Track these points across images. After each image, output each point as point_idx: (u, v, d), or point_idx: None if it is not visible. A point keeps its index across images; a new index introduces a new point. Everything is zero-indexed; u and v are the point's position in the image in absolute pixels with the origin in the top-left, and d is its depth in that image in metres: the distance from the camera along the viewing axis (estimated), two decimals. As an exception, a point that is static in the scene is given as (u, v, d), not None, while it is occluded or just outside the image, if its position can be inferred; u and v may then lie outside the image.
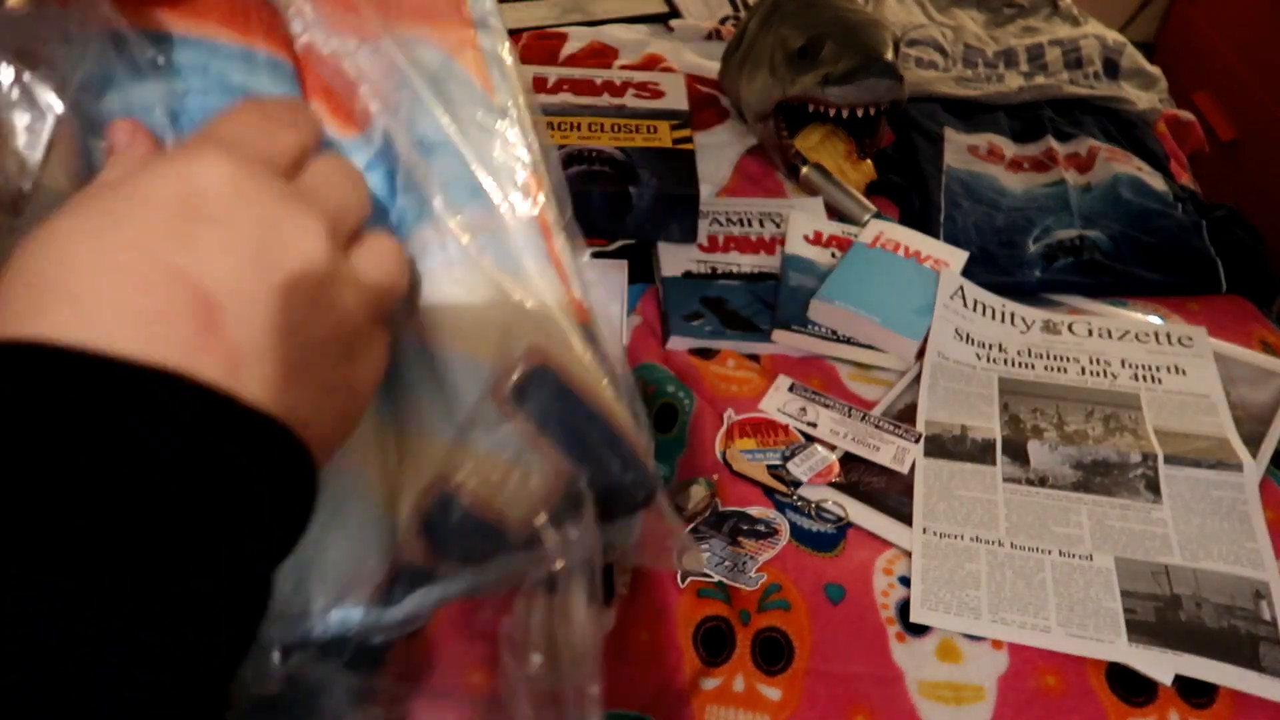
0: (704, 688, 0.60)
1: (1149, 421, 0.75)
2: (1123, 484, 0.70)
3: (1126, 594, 0.64)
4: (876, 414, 0.76)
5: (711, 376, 0.79)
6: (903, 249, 0.89)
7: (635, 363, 0.80)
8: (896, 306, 0.83)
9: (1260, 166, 1.64)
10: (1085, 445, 0.73)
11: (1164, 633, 0.62)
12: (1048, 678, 0.61)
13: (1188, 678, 0.60)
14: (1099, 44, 1.23)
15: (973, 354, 0.82)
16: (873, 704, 0.59)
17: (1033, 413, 0.76)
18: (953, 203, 0.99)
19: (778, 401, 0.77)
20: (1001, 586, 0.64)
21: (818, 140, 1.01)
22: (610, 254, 0.90)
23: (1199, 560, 0.66)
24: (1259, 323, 0.89)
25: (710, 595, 0.64)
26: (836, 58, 0.93)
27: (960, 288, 0.86)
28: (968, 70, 1.21)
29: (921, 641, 0.62)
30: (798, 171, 0.99)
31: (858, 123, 0.96)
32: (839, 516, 0.69)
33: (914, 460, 0.72)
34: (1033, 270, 0.92)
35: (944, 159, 1.05)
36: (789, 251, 0.90)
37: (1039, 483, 0.71)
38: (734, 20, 1.29)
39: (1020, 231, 0.96)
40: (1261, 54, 1.68)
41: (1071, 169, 1.05)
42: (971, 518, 0.68)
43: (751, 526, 0.68)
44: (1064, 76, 1.20)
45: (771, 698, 0.60)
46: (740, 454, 0.73)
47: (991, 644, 0.62)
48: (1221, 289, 0.91)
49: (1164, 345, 0.82)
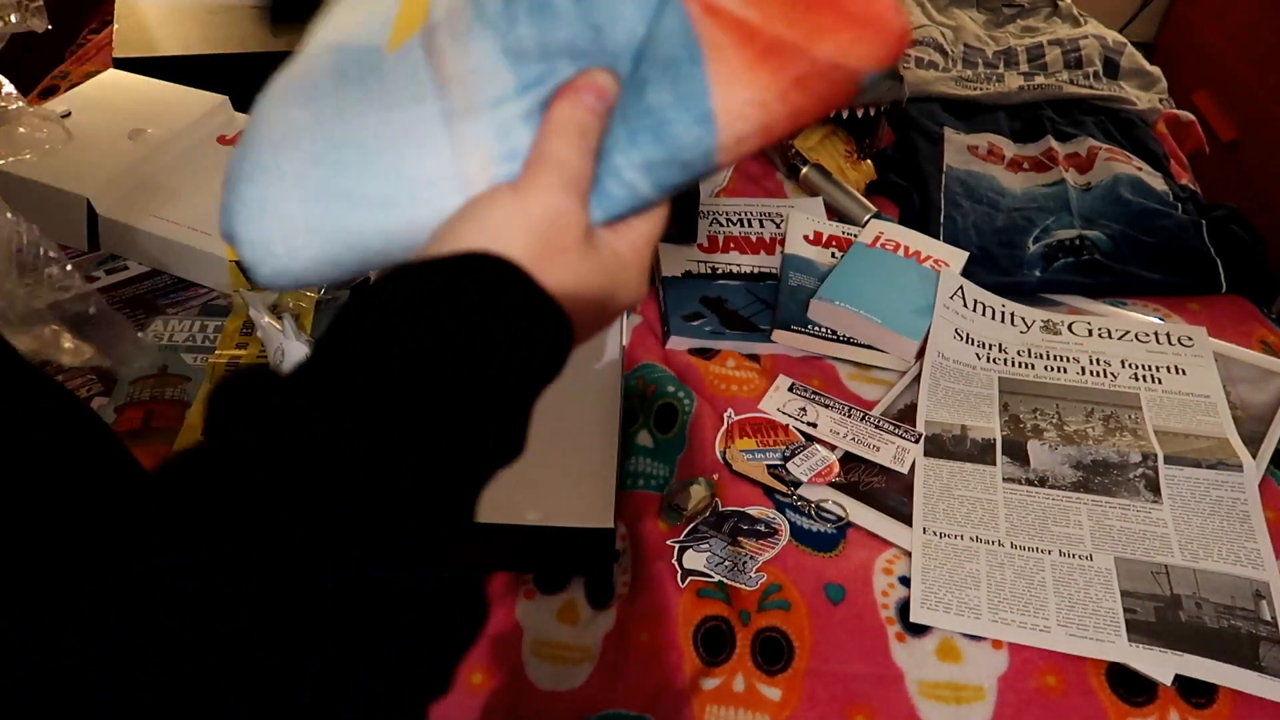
0: (704, 688, 0.60)
1: (1149, 421, 0.75)
2: (1123, 484, 0.70)
3: (1126, 594, 0.64)
4: (876, 414, 0.76)
5: (711, 376, 0.79)
6: (903, 249, 0.89)
7: (635, 363, 0.80)
8: (896, 306, 0.83)
9: (1260, 166, 1.64)
10: (1085, 445, 0.73)
11: (1164, 633, 0.62)
12: (1048, 678, 0.61)
13: (1188, 678, 0.60)
14: (1099, 44, 1.23)
15: (973, 354, 0.82)
16: (873, 704, 0.59)
17: (1033, 413, 0.76)
18: (953, 203, 0.99)
19: (778, 401, 0.77)
20: (1001, 586, 0.64)
21: (818, 140, 1.01)
22: (610, 254, 0.90)
23: (1199, 560, 0.66)
24: (1259, 323, 0.89)
25: (710, 595, 0.64)
26: (836, 58, 0.93)
27: (960, 288, 0.86)
28: (968, 70, 1.21)
29: (921, 641, 0.62)
30: (798, 171, 0.99)
31: (858, 123, 0.96)
32: (839, 516, 0.69)
33: (914, 460, 0.72)
34: (1033, 270, 0.92)
35: (944, 159, 1.05)
36: (789, 251, 0.90)
37: (1039, 483, 0.71)
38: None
39: (1020, 231, 0.96)
40: (1261, 54, 1.68)
41: (1071, 169, 1.05)
42: (971, 518, 0.68)
43: (751, 526, 0.68)
44: (1064, 76, 1.20)
45: (771, 698, 0.60)
46: (740, 454, 0.73)
47: (991, 644, 0.62)
48: (1221, 289, 0.91)
49: (1164, 345, 0.82)
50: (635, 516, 0.68)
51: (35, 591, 0.26)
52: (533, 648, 0.62)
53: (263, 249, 0.41)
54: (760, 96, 0.36)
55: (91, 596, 0.27)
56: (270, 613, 0.29)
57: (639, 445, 0.74)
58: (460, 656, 0.34)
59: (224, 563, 0.29)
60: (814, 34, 0.35)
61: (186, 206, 0.86)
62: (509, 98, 0.38)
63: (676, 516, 0.68)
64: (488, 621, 0.36)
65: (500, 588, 0.64)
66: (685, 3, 0.36)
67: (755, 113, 0.37)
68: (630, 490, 0.70)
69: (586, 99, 0.37)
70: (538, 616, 0.63)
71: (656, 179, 0.39)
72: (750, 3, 0.35)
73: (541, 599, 0.64)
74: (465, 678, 0.60)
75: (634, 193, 0.39)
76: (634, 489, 0.70)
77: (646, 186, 0.39)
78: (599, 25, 0.37)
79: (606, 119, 0.38)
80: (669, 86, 0.37)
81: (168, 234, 0.84)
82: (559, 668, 0.61)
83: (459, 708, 0.59)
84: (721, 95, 0.36)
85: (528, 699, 0.60)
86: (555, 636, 0.62)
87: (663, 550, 0.66)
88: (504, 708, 0.59)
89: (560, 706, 0.60)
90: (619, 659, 0.61)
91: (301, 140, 0.40)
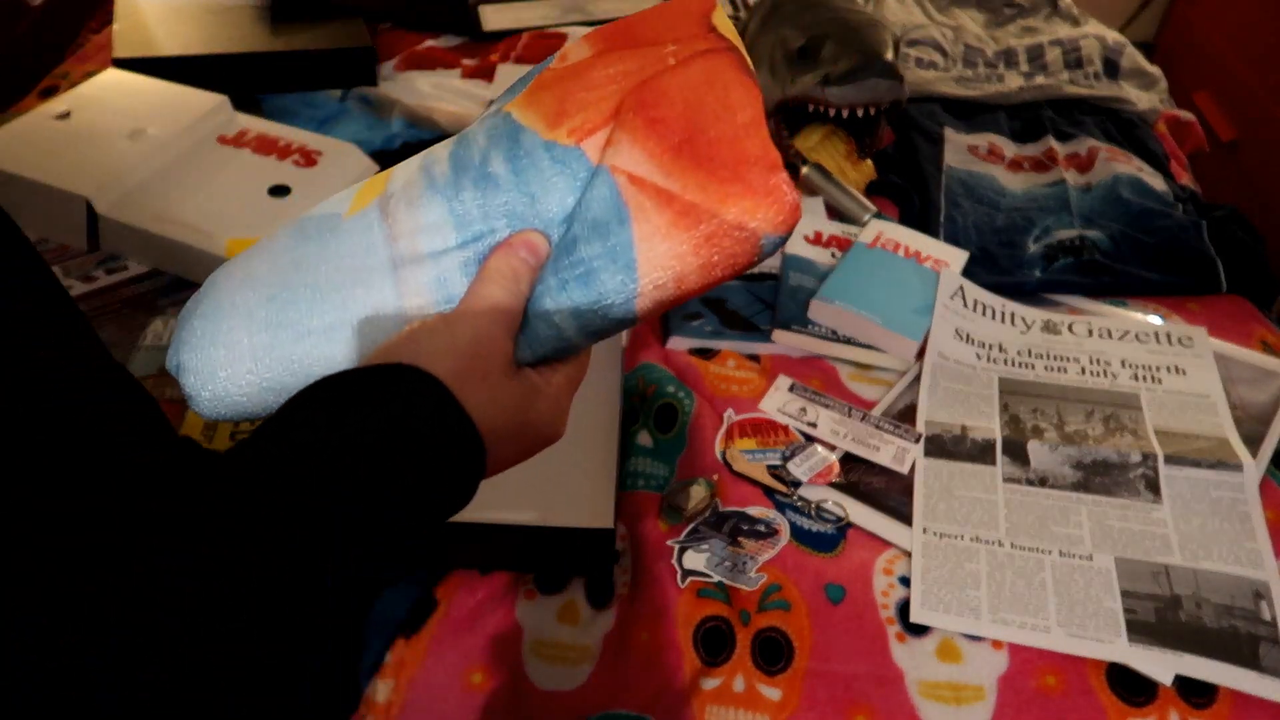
0: (704, 688, 0.60)
1: (1149, 421, 0.75)
2: (1123, 484, 0.70)
3: (1126, 594, 0.64)
4: (876, 414, 0.76)
5: (711, 376, 0.79)
6: (903, 249, 0.89)
7: (635, 363, 0.80)
8: (896, 306, 0.83)
9: (1260, 166, 1.64)
10: (1085, 445, 0.73)
11: (1164, 633, 0.62)
12: (1048, 678, 0.61)
13: (1188, 678, 0.60)
14: (1099, 44, 1.23)
15: (973, 354, 0.82)
16: (873, 704, 0.59)
17: (1033, 413, 0.76)
18: (953, 203, 0.99)
19: (778, 401, 0.77)
20: (1001, 586, 0.64)
21: (818, 140, 1.01)
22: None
23: (1199, 560, 0.66)
24: (1259, 323, 0.89)
25: (710, 595, 0.64)
26: (836, 58, 0.93)
27: (960, 288, 0.86)
28: (968, 70, 1.21)
29: (921, 641, 0.62)
30: (798, 171, 0.99)
31: (858, 123, 0.96)
32: (839, 516, 0.69)
33: (914, 460, 0.72)
34: (1033, 270, 0.92)
35: (944, 159, 1.05)
36: (789, 251, 0.90)
37: (1039, 483, 0.71)
38: (734, 20, 1.29)
39: (1020, 231, 0.96)
40: (1261, 54, 1.68)
41: (1071, 169, 1.05)
42: (971, 518, 0.68)
43: (751, 526, 0.68)
44: (1064, 76, 1.20)
45: (771, 698, 0.60)
46: (740, 454, 0.73)
47: (991, 644, 0.62)
48: (1221, 289, 0.91)
49: (1164, 345, 0.82)
50: (635, 516, 0.68)
51: (35, 591, 0.27)
52: (533, 648, 0.62)
53: (206, 375, 0.44)
54: (677, 249, 0.43)
55: (91, 596, 0.27)
56: (270, 613, 0.29)
57: (639, 445, 0.74)
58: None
59: (224, 563, 0.29)
60: (722, 200, 0.42)
61: (186, 206, 0.86)
62: (451, 249, 0.44)
63: (676, 516, 0.68)
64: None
65: (500, 588, 0.64)
66: (613, 175, 0.43)
67: (673, 263, 0.43)
68: (630, 490, 0.70)
69: (520, 252, 0.43)
70: (538, 616, 0.63)
71: (582, 323, 0.44)
72: (671, 175, 0.42)
73: (541, 599, 0.64)
74: (465, 677, 0.61)
75: (560, 335, 0.44)
76: (634, 489, 0.70)
77: (572, 330, 0.44)
78: (534, 194, 0.43)
79: (537, 272, 0.43)
80: (599, 242, 0.43)
81: (168, 234, 0.84)
82: (559, 668, 0.61)
83: (459, 708, 0.59)
84: (644, 248, 0.43)
85: (528, 699, 0.60)
86: (555, 636, 0.62)
87: (663, 550, 0.66)
88: (504, 708, 0.59)
89: (560, 706, 0.60)
90: (619, 659, 0.61)
91: (258, 284, 0.45)
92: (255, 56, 1.11)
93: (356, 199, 0.47)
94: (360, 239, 0.45)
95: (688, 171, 0.42)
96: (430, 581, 0.64)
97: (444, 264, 0.44)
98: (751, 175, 0.42)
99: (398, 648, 0.61)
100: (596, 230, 0.43)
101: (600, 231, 0.43)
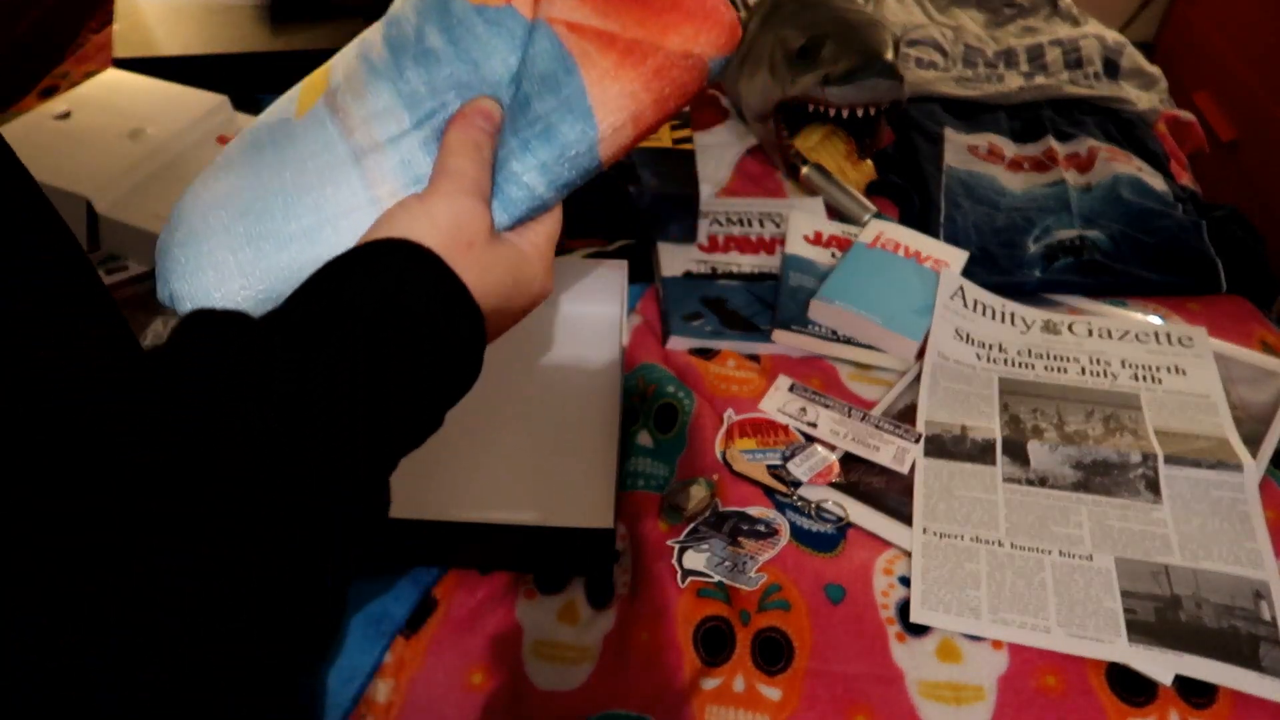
0: (704, 688, 0.60)
1: (1149, 421, 0.75)
2: (1123, 484, 0.70)
3: (1126, 594, 0.64)
4: (876, 414, 0.76)
5: (711, 376, 0.79)
6: (903, 249, 0.89)
7: (635, 363, 0.80)
8: (896, 306, 0.83)
9: (1260, 166, 1.64)
10: (1085, 445, 0.73)
11: (1164, 633, 0.62)
12: (1048, 678, 0.61)
13: (1188, 678, 0.60)
14: (1099, 44, 1.23)
15: (973, 354, 0.82)
16: (873, 704, 0.59)
17: (1033, 413, 0.76)
18: (953, 203, 0.99)
19: (778, 401, 0.77)
20: (1001, 586, 0.64)
21: (818, 140, 1.01)
22: (610, 254, 0.90)
23: (1199, 560, 0.66)
24: (1259, 323, 0.89)
25: (710, 595, 0.64)
26: (836, 58, 0.93)
27: (960, 288, 0.86)
28: (968, 70, 1.21)
29: (921, 641, 0.62)
30: (798, 171, 0.99)
31: (858, 123, 0.96)
32: (839, 516, 0.69)
33: (914, 460, 0.72)
34: (1033, 270, 0.92)
35: (944, 159, 1.05)
36: (789, 251, 0.90)
37: (1039, 483, 0.71)
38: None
39: (1020, 231, 0.96)
40: (1261, 54, 1.67)
41: (1071, 169, 1.04)
42: (971, 518, 0.68)
43: (751, 526, 0.68)
44: (1064, 76, 1.20)
45: (771, 698, 0.60)
46: (740, 454, 0.73)
47: (991, 644, 0.62)
48: (1221, 289, 0.91)
49: (1164, 345, 0.82)
50: (635, 516, 0.68)
51: (35, 591, 0.27)
52: (533, 648, 0.62)
53: (201, 298, 0.45)
54: (629, 88, 0.43)
55: (91, 596, 0.27)
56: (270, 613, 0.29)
57: (639, 445, 0.74)
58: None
59: (224, 563, 0.29)
60: (663, 31, 0.43)
61: (186, 206, 0.86)
62: (407, 131, 0.44)
63: (676, 516, 0.68)
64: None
65: (500, 588, 0.64)
66: (552, 26, 0.43)
67: (627, 103, 0.44)
68: (630, 490, 0.70)
69: (476, 120, 0.43)
70: (538, 616, 0.63)
71: (551, 178, 0.44)
72: (608, 16, 0.43)
73: (541, 599, 0.64)
74: (465, 677, 0.61)
75: (532, 193, 0.45)
76: (634, 489, 0.70)
77: (543, 186, 0.45)
78: (476, 61, 0.44)
79: (496, 136, 0.44)
80: (551, 95, 0.43)
81: (168, 234, 0.83)
82: (559, 668, 0.61)
83: (459, 708, 0.59)
84: (597, 93, 0.43)
85: (528, 699, 0.60)
86: (555, 636, 0.62)
87: (663, 550, 0.66)
88: (504, 708, 0.59)
89: (560, 706, 0.60)
90: (619, 659, 0.61)
91: (228, 202, 0.45)
92: (255, 56, 1.11)
93: (301, 99, 0.47)
94: (316, 138, 0.45)
95: (623, 9, 0.43)
96: (430, 582, 0.64)
97: (404, 147, 0.44)
98: (686, 1, 0.43)
99: (398, 648, 0.61)
100: (546, 84, 0.43)
101: (550, 84, 0.43)
